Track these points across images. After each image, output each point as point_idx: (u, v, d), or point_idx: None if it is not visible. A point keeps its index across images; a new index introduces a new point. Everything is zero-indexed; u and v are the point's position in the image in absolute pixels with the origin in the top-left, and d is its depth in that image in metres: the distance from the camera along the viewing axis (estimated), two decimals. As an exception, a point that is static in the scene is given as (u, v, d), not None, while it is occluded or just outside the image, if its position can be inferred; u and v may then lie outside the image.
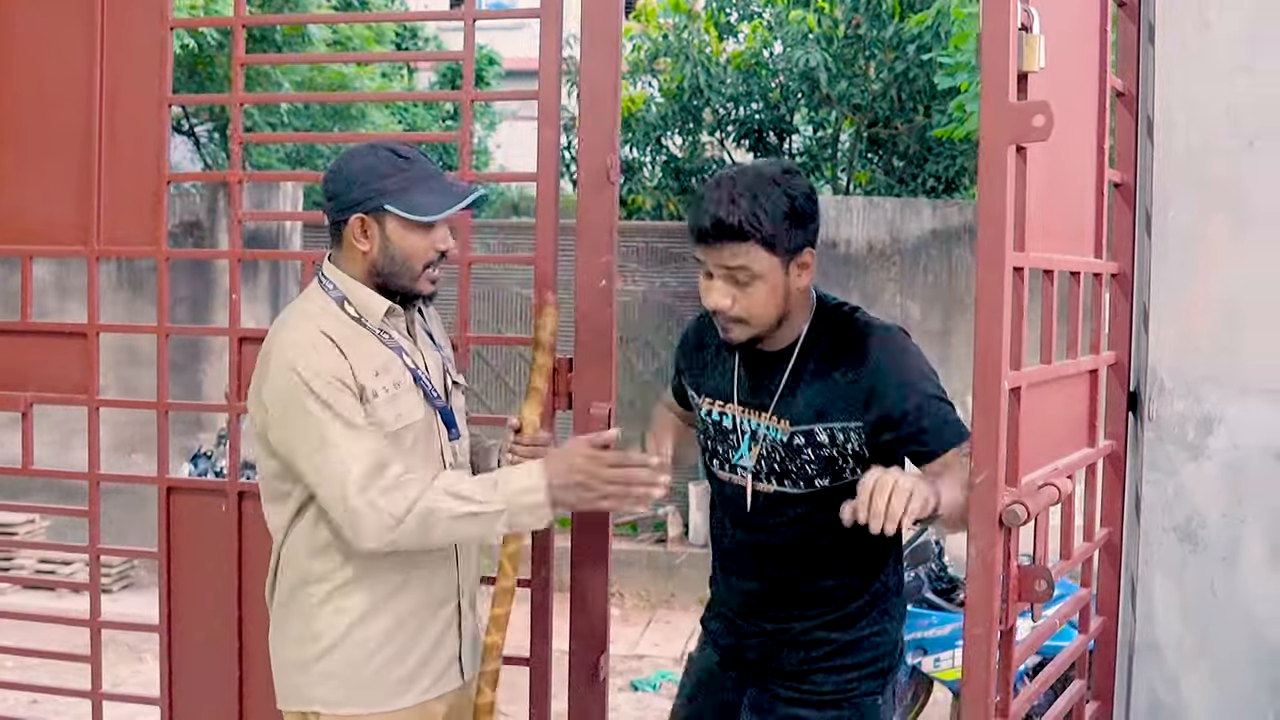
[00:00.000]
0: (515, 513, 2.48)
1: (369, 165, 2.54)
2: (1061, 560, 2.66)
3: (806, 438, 2.54)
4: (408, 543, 2.46)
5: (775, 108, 10.77)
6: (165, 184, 3.30)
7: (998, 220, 2.08)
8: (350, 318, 2.57)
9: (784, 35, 10.26)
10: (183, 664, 3.39)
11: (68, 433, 8.37)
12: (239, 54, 3.30)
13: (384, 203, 2.52)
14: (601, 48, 3.07)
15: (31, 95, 3.35)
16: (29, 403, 3.39)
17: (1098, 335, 2.82)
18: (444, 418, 2.70)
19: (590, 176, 3.09)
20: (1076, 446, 2.68)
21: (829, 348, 2.57)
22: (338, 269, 2.62)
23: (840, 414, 2.52)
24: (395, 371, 2.58)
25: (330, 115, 11.32)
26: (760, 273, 2.49)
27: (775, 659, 2.68)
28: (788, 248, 2.49)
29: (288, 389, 2.46)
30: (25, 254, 3.43)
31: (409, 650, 2.64)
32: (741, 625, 2.75)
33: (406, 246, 2.57)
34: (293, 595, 2.64)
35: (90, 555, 3.49)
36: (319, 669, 2.60)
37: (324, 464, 2.44)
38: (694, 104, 10.72)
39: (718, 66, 10.60)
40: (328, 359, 2.47)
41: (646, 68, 11.26)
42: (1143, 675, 2.86)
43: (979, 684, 2.12)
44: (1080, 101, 2.60)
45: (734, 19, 10.90)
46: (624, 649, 7.47)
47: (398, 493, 2.42)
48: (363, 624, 2.59)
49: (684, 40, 10.64)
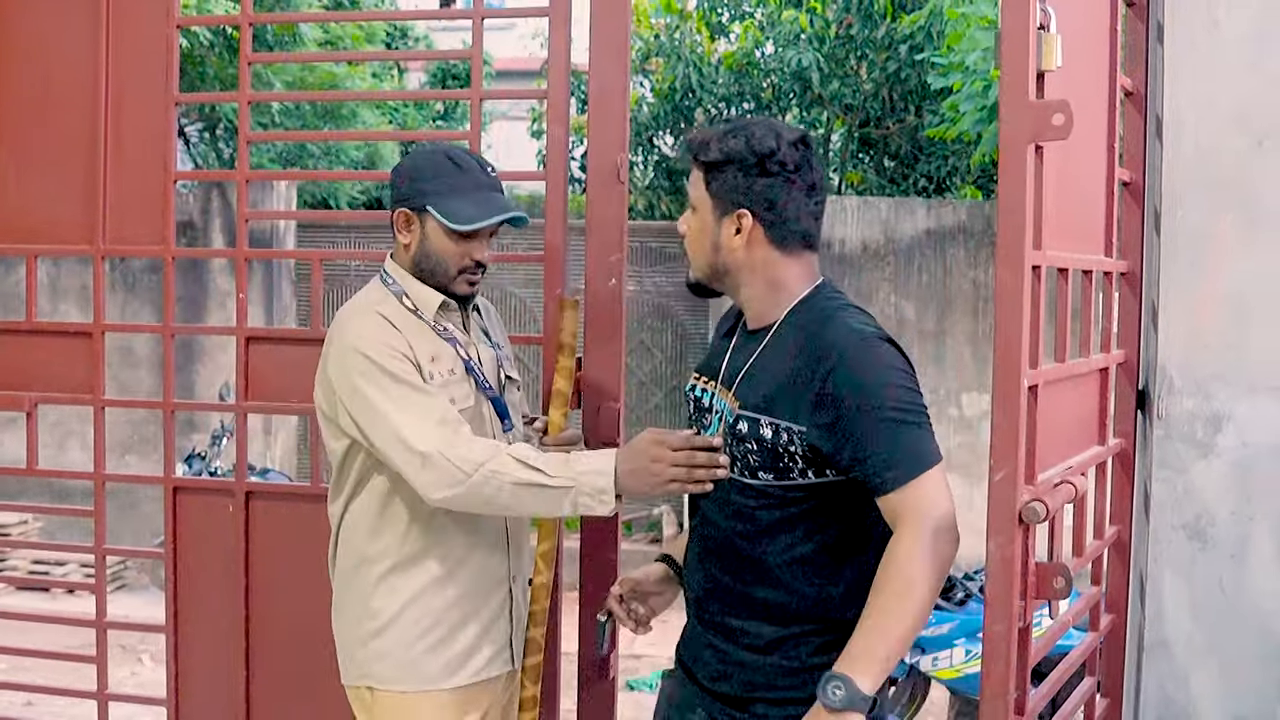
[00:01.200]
0: (582, 492, 2.49)
1: (424, 164, 2.68)
2: (1074, 558, 2.66)
3: (750, 425, 2.35)
4: (473, 501, 2.50)
5: (767, 108, 10.76)
6: (172, 183, 3.29)
7: (1017, 219, 2.09)
8: (408, 309, 2.67)
9: (776, 35, 10.27)
10: (189, 664, 3.38)
11: (64, 434, 8.37)
12: (245, 52, 3.30)
13: (426, 202, 2.64)
14: (610, 47, 3.08)
15: (37, 94, 3.36)
16: (34, 403, 3.38)
17: (1107, 334, 2.83)
18: (496, 407, 2.76)
19: (599, 175, 3.10)
20: (1088, 444, 2.70)
21: (800, 338, 2.36)
22: (397, 265, 2.74)
23: (786, 412, 2.31)
24: (448, 360, 2.67)
25: (322, 115, 11.30)
26: (695, 203, 2.46)
27: (721, 681, 2.46)
28: (719, 192, 2.41)
29: (352, 365, 2.55)
30: (30, 253, 3.42)
31: (461, 631, 2.70)
32: (694, 633, 2.56)
33: (440, 249, 2.67)
34: (352, 573, 2.71)
35: (96, 556, 3.48)
36: (374, 645, 2.68)
37: (398, 423, 2.50)
38: (686, 104, 10.71)
39: (709, 67, 10.59)
40: (386, 334, 2.58)
41: (638, 68, 11.25)
42: (1152, 672, 2.87)
43: (999, 680, 2.13)
44: (1091, 101, 2.62)
45: (726, 19, 10.91)
46: (620, 649, 7.44)
47: (470, 448, 2.49)
48: (416, 603, 2.66)
49: (676, 40, 10.64)
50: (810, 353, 2.32)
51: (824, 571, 2.36)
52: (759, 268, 2.43)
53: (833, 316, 2.37)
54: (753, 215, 2.39)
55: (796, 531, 2.35)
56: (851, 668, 2.17)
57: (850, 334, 2.32)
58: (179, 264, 8.72)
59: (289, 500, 2.82)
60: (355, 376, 2.55)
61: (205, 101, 7.81)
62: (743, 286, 2.46)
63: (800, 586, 2.37)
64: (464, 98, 3.27)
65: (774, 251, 2.42)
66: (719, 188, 2.41)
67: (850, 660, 2.18)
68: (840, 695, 2.14)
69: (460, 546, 2.68)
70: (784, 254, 2.43)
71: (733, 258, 2.43)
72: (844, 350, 2.29)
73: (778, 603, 2.38)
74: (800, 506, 2.34)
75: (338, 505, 2.74)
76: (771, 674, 2.39)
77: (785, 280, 2.43)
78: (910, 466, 2.22)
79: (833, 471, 2.30)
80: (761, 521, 2.37)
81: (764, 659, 2.40)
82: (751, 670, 2.41)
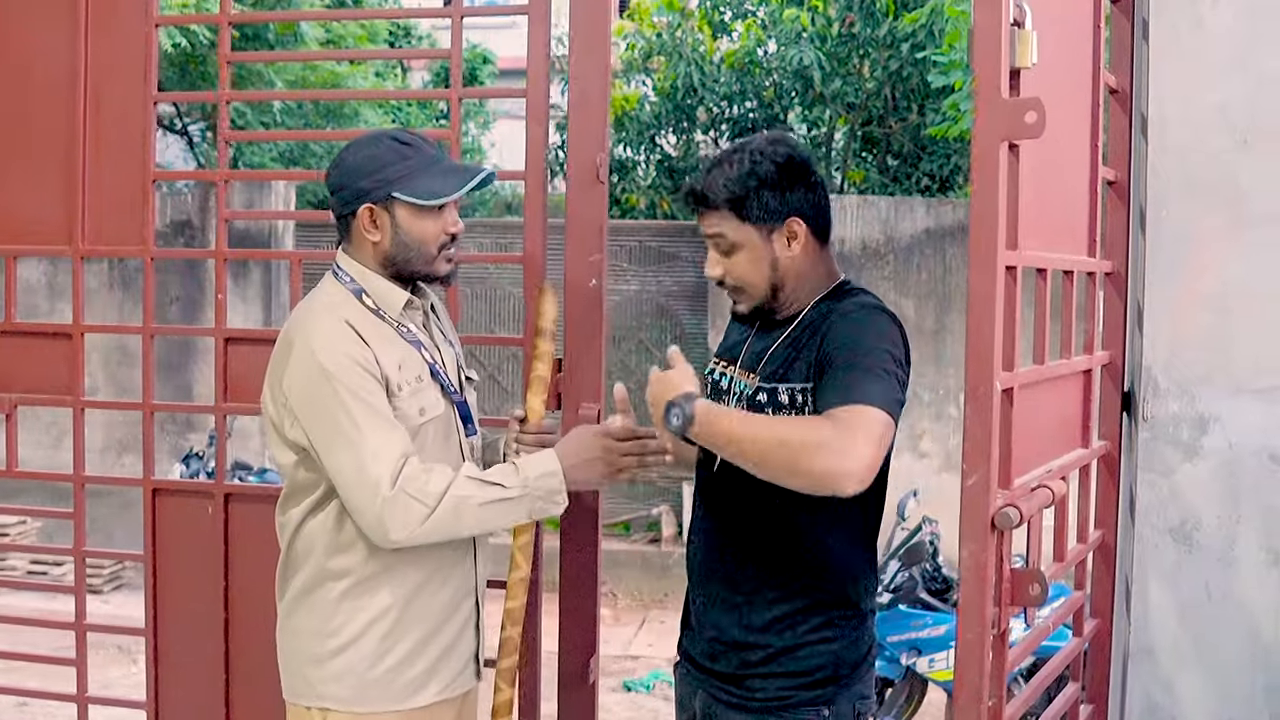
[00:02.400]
0: (537, 496, 2.48)
1: (373, 155, 2.53)
2: (1055, 563, 2.63)
3: (769, 395, 2.48)
4: (437, 533, 2.44)
5: (769, 106, 10.73)
6: (151, 183, 3.26)
7: (990, 218, 2.06)
8: (368, 309, 2.55)
9: (778, 34, 10.23)
10: (169, 667, 3.35)
11: (59, 433, 8.34)
12: (224, 51, 3.27)
13: (392, 190, 2.51)
14: (591, 46, 3.05)
15: (15, 93, 3.32)
16: (14, 404, 3.36)
17: (1091, 335, 2.79)
18: (461, 413, 2.69)
19: (580, 175, 3.07)
20: (1070, 447, 2.66)
21: (821, 317, 2.50)
22: (353, 260, 2.60)
23: (799, 374, 2.44)
24: (415, 365, 2.57)
25: (324, 114, 11.30)
26: (737, 241, 2.51)
27: (717, 659, 2.57)
28: (760, 215, 2.48)
29: (312, 378, 2.43)
30: (9, 254, 3.39)
31: (427, 648, 2.60)
32: (694, 613, 2.67)
33: (418, 232, 2.55)
34: (309, 590, 2.58)
35: (75, 557, 3.45)
36: (332, 666, 2.55)
37: (353, 455, 2.41)
38: (688, 103, 10.68)
39: (711, 65, 10.56)
40: (353, 347, 2.45)
41: (640, 66, 11.22)
42: (1138, 678, 2.84)
43: (972, 688, 2.09)
44: (1073, 98, 2.58)
45: (728, 17, 10.87)
46: (617, 649, 7.45)
47: (429, 479, 2.41)
48: (382, 621, 2.55)
49: (678, 39, 10.61)
50: (821, 325, 2.46)
51: (824, 551, 2.49)
52: (809, 266, 2.55)
53: (848, 298, 2.54)
54: (801, 220, 2.50)
55: (800, 512, 2.43)
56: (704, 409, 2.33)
57: (854, 303, 2.50)
58: (177, 264, 8.87)
59: (269, 502, 2.77)
60: (315, 391, 2.44)
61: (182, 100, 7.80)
62: (793, 289, 2.55)
63: (799, 566, 2.48)
64: (442, 97, 3.24)
65: (816, 246, 2.56)
66: (759, 213, 2.49)
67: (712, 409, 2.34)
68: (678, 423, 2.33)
69: (429, 560, 2.57)
70: (823, 247, 2.59)
71: (789, 266, 2.53)
72: (845, 314, 2.45)
73: (778, 579, 2.49)
74: None
75: (290, 518, 2.60)
76: (767, 652, 2.50)
77: (823, 272, 2.58)
78: (860, 396, 2.24)
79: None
80: (766, 496, 2.40)
81: (760, 638, 2.50)
82: (746, 649, 2.52)
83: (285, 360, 2.49)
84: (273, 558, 2.68)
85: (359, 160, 2.54)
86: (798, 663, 2.47)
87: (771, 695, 2.50)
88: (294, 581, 2.61)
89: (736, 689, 2.53)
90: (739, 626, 2.53)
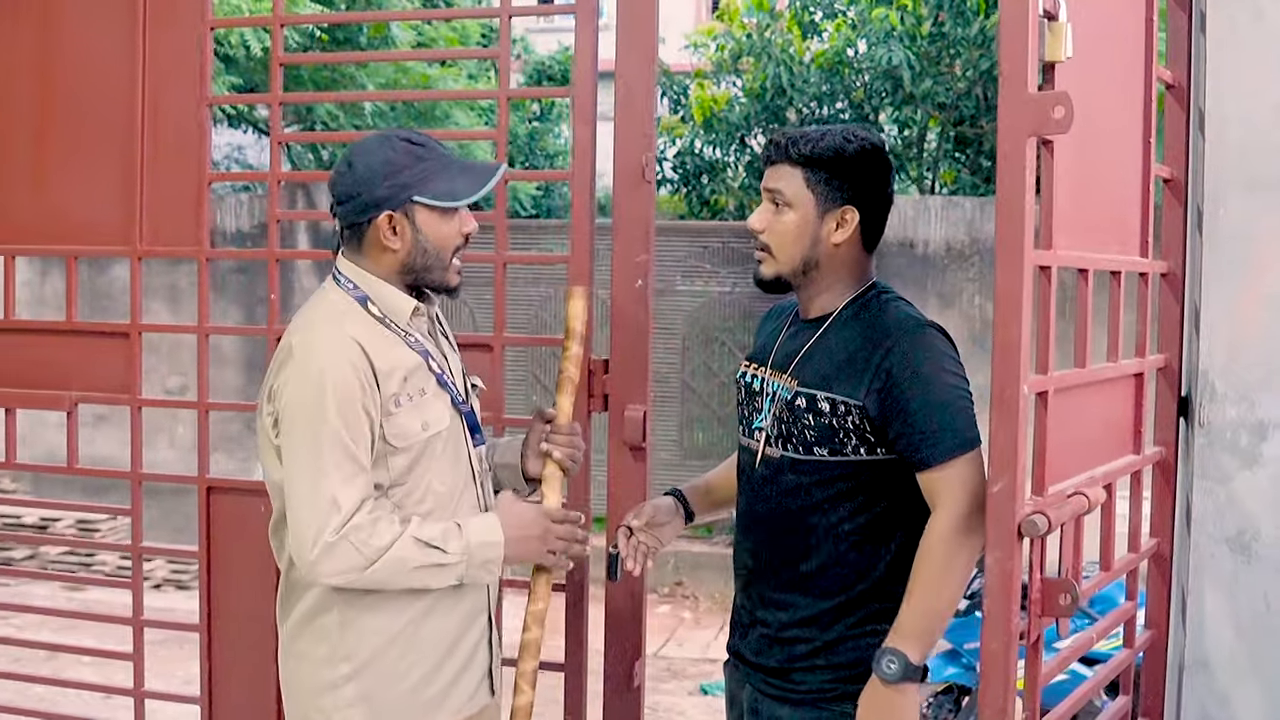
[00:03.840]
0: (473, 564, 2.42)
1: (387, 159, 2.42)
2: (1101, 572, 2.55)
3: (808, 401, 2.45)
4: (368, 584, 2.38)
5: (859, 107, 10.61)
6: (207, 184, 3.30)
7: (1017, 216, 2.00)
8: (374, 318, 2.45)
9: (867, 33, 10.10)
10: (222, 663, 3.38)
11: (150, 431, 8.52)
12: (277, 53, 3.29)
13: (412, 194, 2.41)
14: (637, 45, 3.03)
15: (76, 96, 3.38)
16: (74, 402, 3.41)
17: (1142, 337, 2.70)
18: (468, 422, 2.60)
19: (625, 175, 3.05)
20: (1119, 453, 2.58)
21: (859, 324, 2.49)
22: (356, 267, 2.49)
23: (844, 387, 2.42)
24: (421, 377, 2.47)
25: (416, 116, 11.39)
26: (792, 200, 2.49)
27: (765, 654, 2.57)
28: (825, 190, 2.48)
29: (305, 392, 2.35)
30: (70, 254, 3.45)
31: (443, 667, 2.53)
32: (742, 612, 2.66)
33: (438, 236, 2.46)
34: (313, 616, 2.50)
35: (133, 554, 3.51)
36: (348, 691, 2.47)
37: (311, 487, 2.33)
38: (777, 104, 10.59)
39: (801, 66, 10.47)
40: (357, 375, 2.35)
41: (730, 67, 11.17)
42: (1193, 692, 2.75)
43: (997, 700, 2.03)
44: (1122, 94, 2.50)
45: (818, 18, 10.77)
46: (695, 652, 7.41)
47: (375, 532, 2.33)
48: (396, 642, 2.48)
49: (767, 39, 10.53)
50: (870, 336, 2.44)
51: (869, 546, 2.47)
52: (846, 262, 2.53)
53: (888, 307, 2.51)
54: (858, 212, 2.49)
55: (846, 507, 2.46)
56: (902, 642, 2.31)
57: (907, 320, 2.46)
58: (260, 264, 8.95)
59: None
60: (303, 406, 2.36)
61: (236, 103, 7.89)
62: (821, 280, 2.54)
63: (846, 560, 2.48)
64: (489, 96, 3.25)
65: (861, 248, 2.54)
66: (824, 185, 2.48)
67: (900, 635, 2.32)
68: (895, 669, 2.29)
69: None
70: (865, 250, 2.56)
71: (829, 253, 2.51)
72: (901, 333, 2.42)
73: (824, 576, 2.49)
74: (851, 482, 2.45)
75: (286, 542, 2.48)
76: (813, 645, 2.50)
77: (858, 274, 2.56)
78: (950, 445, 2.33)
79: (883, 449, 2.41)
80: (814, 497, 2.47)
81: (806, 632, 2.51)
82: (794, 643, 2.52)
83: (283, 366, 2.40)
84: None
85: (373, 165, 2.42)
86: (842, 655, 2.48)
87: (814, 688, 2.50)
88: (297, 607, 2.53)
89: (782, 681, 2.54)
90: (785, 621, 2.53)
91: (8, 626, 7.06)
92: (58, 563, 8.29)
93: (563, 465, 2.65)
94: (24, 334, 3.54)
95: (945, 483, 2.32)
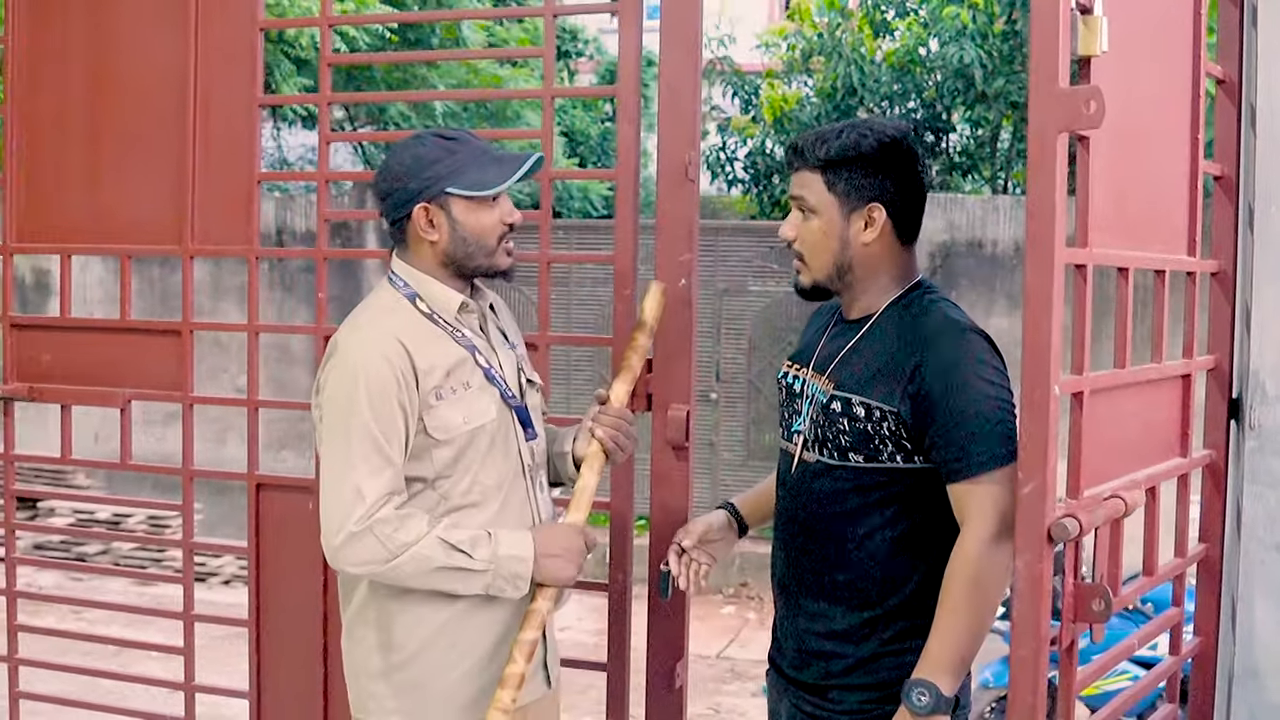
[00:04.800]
0: (500, 575, 2.45)
1: (419, 155, 2.50)
2: (1143, 577, 2.50)
3: (843, 405, 2.38)
4: (390, 579, 2.44)
5: (931, 106, 10.53)
6: (257, 184, 3.33)
7: (1046, 214, 1.97)
8: (422, 314, 2.52)
9: (939, 32, 10.02)
10: (271, 658, 3.41)
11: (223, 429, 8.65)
12: (326, 54, 3.32)
13: (444, 186, 2.48)
14: (680, 43, 3.01)
15: (129, 98, 3.42)
16: (127, 399, 3.46)
17: (1190, 338, 2.64)
18: (520, 417, 2.62)
19: (669, 173, 3.03)
20: (1164, 457, 2.52)
21: (898, 326, 2.41)
22: (407, 264, 2.58)
23: (880, 393, 2.34)
24: (466, 371, 2.52)
25: (487, 117, 11.46)
26: (815, 206, 2.44)
27: (802, 669, 2.51)
28: (845, 189, 2.42)
29: (343, 385, 2.42)
30: (124, 253, 3.50)
31: (494, 658, 2.54)
32: (783, 622, 2.60)
33: (476, 225, 2.52)
34: (367, 604, 2.56)
35: (184, 550, 3.55)
36: (399, 679, 2.53)
37: (340, 476, 2.41)
38: (848, 103, 10.52)
39: (872, 65, 10.41)
40: (393, 370, 2.41)
41: (801, 67, 11.14)
42: (1242, 701, 2.69)
43: (1026, 708, 1.99)
44: (1169, 89, 2.45)
45: (889, 16, 10.69)
46: (758, 653, 7.35)
47: (401, 529, 2.39)
48: (445, 632, 2.52)
49: (838, 38, 10.49)
50: (908, 339, 2.37)
51: (904, 558, 2.39)
52: (882, 261, 2.46)
53: (930, 308, 2.42)
54: (885, 208, 2.42)
55: (882, 516, 2.38)
56: (932, 672, 2.23)
57: (947, 323, 2.38)
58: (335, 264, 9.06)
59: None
60: (340, 399, 2.43)
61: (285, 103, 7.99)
62: (860, 281, 2.48)
63: (880, 571, 2.40)
64: (535, 96, 3.26)
65: (897, 244, 2.47)
66: (845, 186, 2.42)
67: (929, 664, 2.24)
68: (926, 701, 2.22)
69: None
70: (902, 246, 2.48)
71: (861, 253, 2.45)
72: (939, 337, 2.34)
73: (858, 587, 2.42)
74: (887, 490, 2.37)
75: None
76: (847, 662, 2.43)
77: (899, 272, 2.48)
78: (982, 458, 2.24)
79: (920, 458, 2.33)
80: (848, 504, 2.40)
81: (841, 646, 2.44)
82: (829, 658, 2.45)
83: (327, 362, 2.50)
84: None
85: (406, 161, 2.51)
86: (879, 673, 2.39)
87: (852, 707, 2.43)
88: (355, 594, 2.59)
89: (819, 699, 2.47)
90: (820, 635, 2.46)
91: (80, 621, 7.21)
92: (129, 558, 8.44)
93: (605, 445, 2.64)
94: (80, 332, 3.59)
95: (975, 498, 2.24)
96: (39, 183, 3.54)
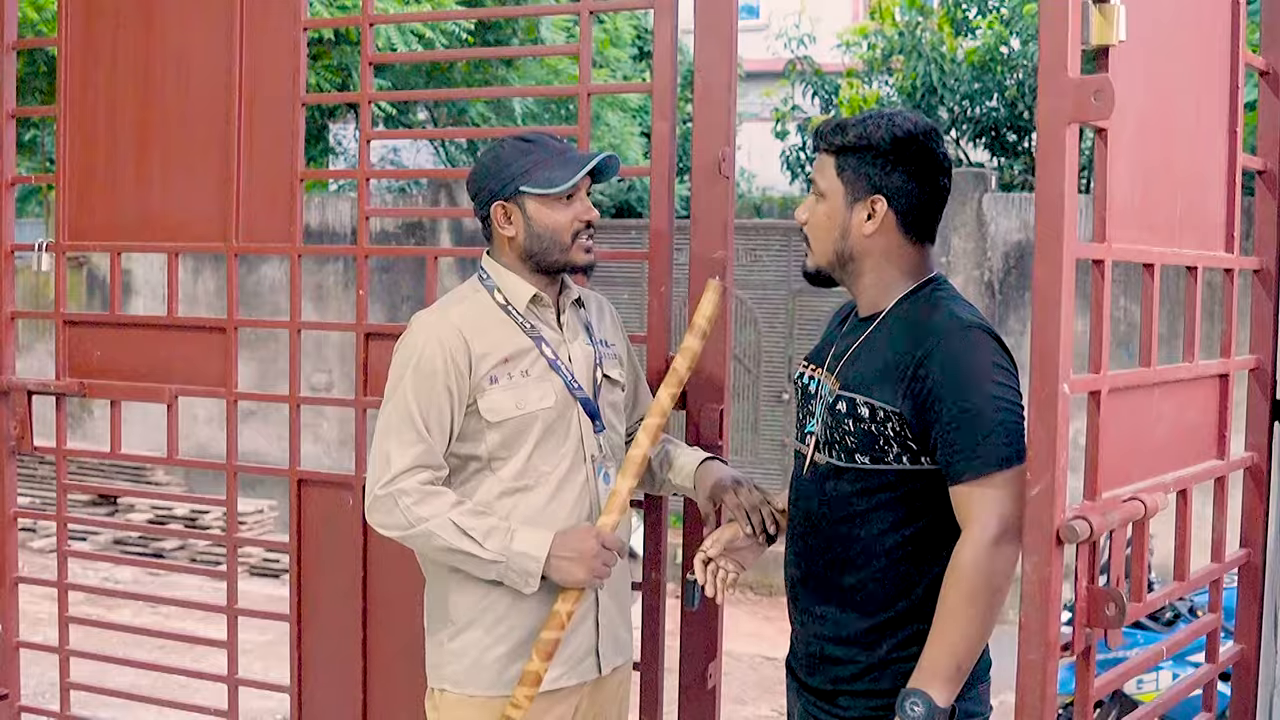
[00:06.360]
0: (511, 568, 2.57)
1: (499, 156, 2.68)
2: (1175, 581, 2.43)
3: (849, 405, 2.34)
4: (410, 545, 2.64)
5: (1012, 105, 10.39)
6: (299, 182, 3.36)
7: (1055, 208, 1.92)
8: (498, 304, 2.69)
9: (1020, 30, 9.89)
10: (311, 652, 3.44)
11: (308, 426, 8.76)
12: (367, 52, 3.34)
13: (519, 185, 2.65)
14: (716, 37, 3.00)
15: (176, 97, 3.46)
16: (173, 395, 3.50)
17: (1228, 337, 2.56)
18: (586, 409, 2.71)
19: (703, 170, 3.01)
20: (1197, 458, 2.45)
21: (904, 323, 2.37)
22: (493, 260, 2.76)
23: (883, 393, 2.30)
24: (528, 360, 2.66)
25: (566, 117, 11.50)
26: (825, 191, 2.43)
27: (812, 674, 2.47)
28: (853, 178, 2.39)
29: (399, 364, 2.64)
30: (170, 250, 3.54)
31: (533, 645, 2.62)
32: (795, 625, 2.56)
33: (549, 222, 2.66)
34: (435, 575, 2.73)
35: (228, 545, 3.58)
36: (450, 647, 2.68)
37: (378, 444, 2.61)
38: (929, 102, 10.43)
39: (953, 64, 10.30)
40: (444, 353, 2.59)
41: (881, 66, 11.05)
42: (1284, 712, 2.61)
43: (1033, 714, 1.94)
44: (1204, 81, 2.38)
45: (970, 15, 10.58)
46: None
47: (420, 504, 2.56)
48: (496, 607, 2.64)
49: (918, 37, 10.39)
50: (912, 337, 2.32)
51: (914, 562, 2.34)
52: (884, 255, 2.43)
53: (938, 305, 2.37)
54: (887, 201, 2.39)
55: (889, 518, 2.34)
56: (926, 682, 2.18)
57: (952, 320, 2.32)
58: (409, 263, 9.19)
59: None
60: (394, 371, 2.64)
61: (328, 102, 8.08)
62: (863, 274, 2.45)
63: (888, 575, 2.36)
64: (572, 93, 3.24)
65: (902, 240, 2.42)
66: (852, 174, 2.40)
67: (924, 674, 2.20)
68: (918, 712, 2.16)
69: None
70: (910, 243, 2.43)
71: (860, 244, 2.42)
72: (942, 335, 2.28)
73: (867, 591, 2.38)
74: (894, 492, 2.33)
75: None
76: (856, 668, 2.40)
77: (906, 269, 2.43)
78: (984, 460, 2.19)
79: (927, 459, 2.29)
80: (855, 506, 2.37)
81: (850, 652, 2.40)
82: (838, 664, 2.42)
83: (400, 338, 2.70)
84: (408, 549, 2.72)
85: (487, 163, 2.70)
86: (888, 680, 2.34)
87: (861, 714, 2.40)
88: (429, 566, 2.76)
89: (829, 705, 2.44)
90: (830, 640, 2.43)
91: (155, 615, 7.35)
92: (205, 554, 8.59)
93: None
94: (129, 329, 3.65)
95: (975, 501, 2.18)
96: (90, 182, 3.61)
